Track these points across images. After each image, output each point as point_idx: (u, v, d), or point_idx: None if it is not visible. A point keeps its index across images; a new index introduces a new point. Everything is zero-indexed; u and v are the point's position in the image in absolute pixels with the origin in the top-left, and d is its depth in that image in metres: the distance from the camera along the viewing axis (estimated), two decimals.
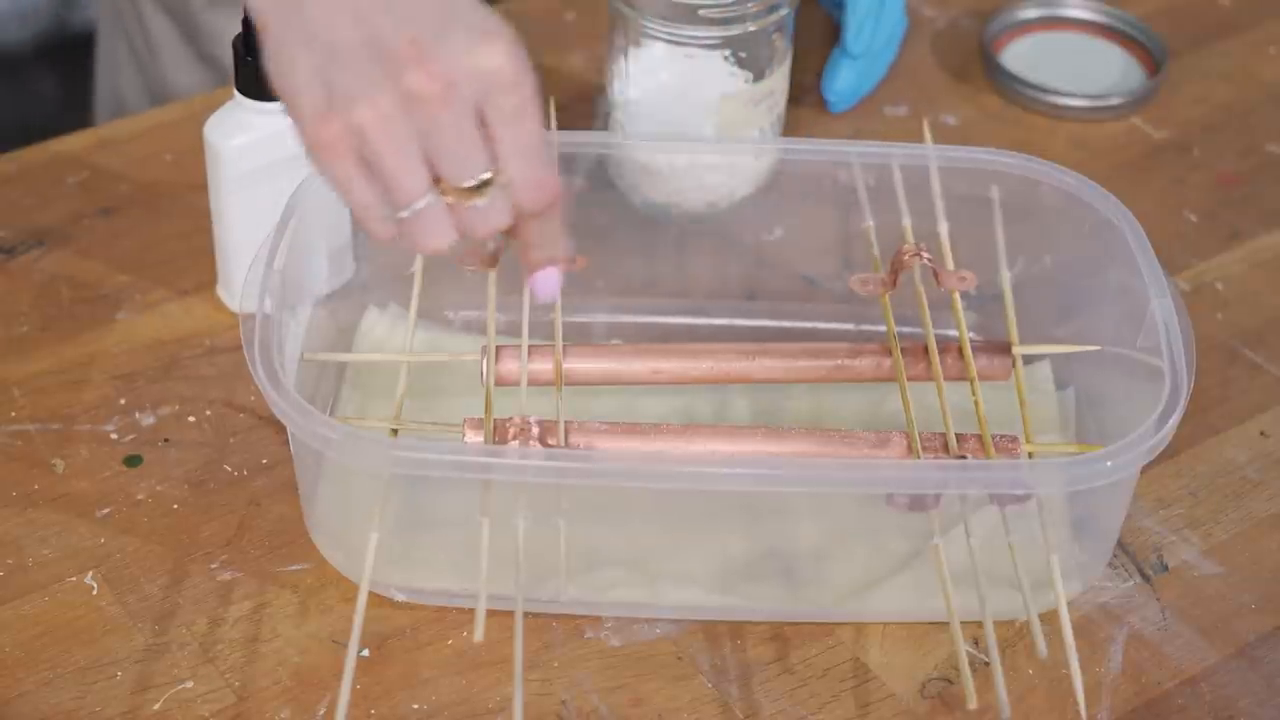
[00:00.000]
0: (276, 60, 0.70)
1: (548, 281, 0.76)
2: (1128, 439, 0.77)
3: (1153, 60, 1.16)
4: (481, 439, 0.80)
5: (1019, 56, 1.16)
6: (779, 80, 1.01)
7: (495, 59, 0.69)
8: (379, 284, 0.94)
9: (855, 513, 0.85)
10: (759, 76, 0.99)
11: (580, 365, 0.86)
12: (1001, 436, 0.82)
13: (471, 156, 0.70)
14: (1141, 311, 0.83)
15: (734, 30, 0.97)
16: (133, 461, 0.88)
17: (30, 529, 0.85)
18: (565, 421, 0.81)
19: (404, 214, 0.71)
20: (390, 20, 0.68)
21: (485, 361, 0.84)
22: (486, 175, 0.71)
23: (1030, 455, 0.82)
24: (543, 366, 0.85)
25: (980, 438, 0.82)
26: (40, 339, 0.94)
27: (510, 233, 0.74)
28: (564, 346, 0.86)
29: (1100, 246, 0.88)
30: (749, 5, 0.96)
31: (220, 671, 0.80)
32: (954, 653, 0.76)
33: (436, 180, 0.71)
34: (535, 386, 0.84)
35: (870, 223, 0.91)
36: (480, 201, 0.71)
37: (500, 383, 0.84)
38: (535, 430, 0.79)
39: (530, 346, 0.85)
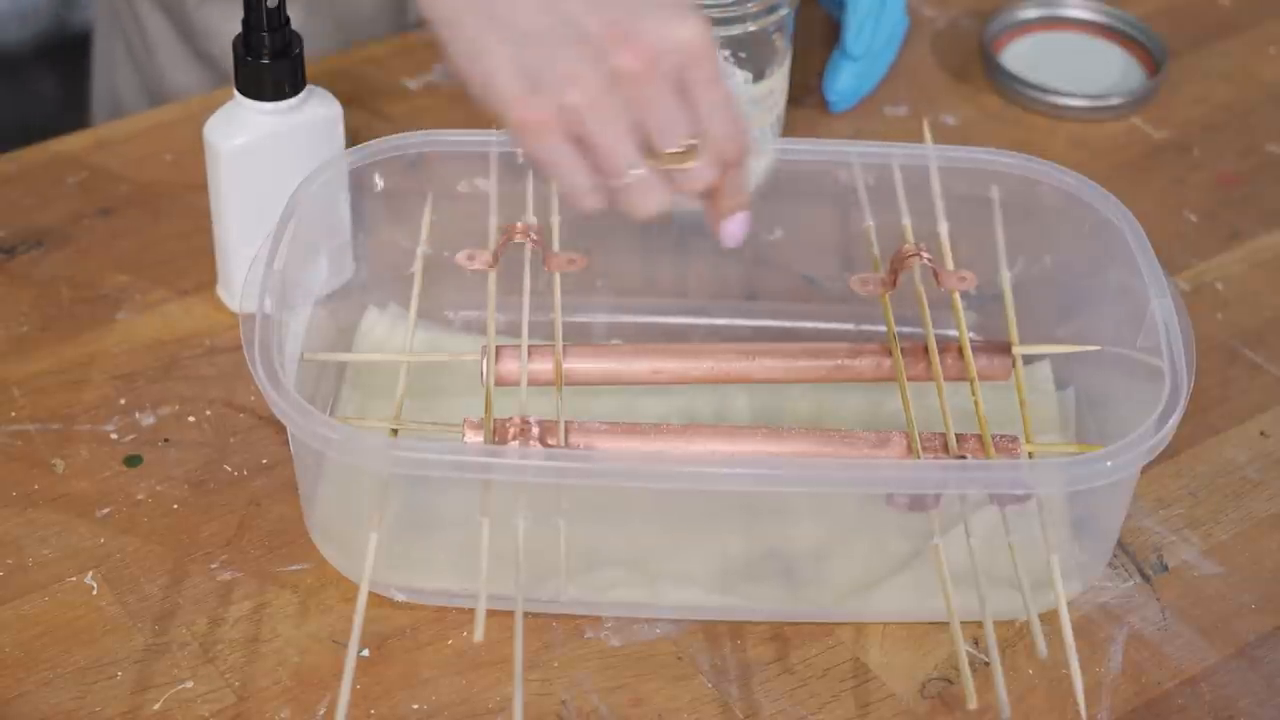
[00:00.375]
0: (467, 49, 0.75)
1: (738, 226, 0.81)
2: (1128, 439, 0.77)
3: (1153, 60, 1.16)
4: (481, 439, 0.80)
5: (1019, 56, 1.16)
6: (779, 80, 1.01)
7: (689, 33, 0.74)
8: (379, 284, 0.94)
9: (855, 513, 0.85)
10: (759, 76, 0.99)
11: (580, 365, 0.86)
12: (1001, 436, 0.82)
13: (679, 124, 0.76)
14: (1141, 311, 0.83)
15: (734, 30, 0.96)
16: (133, 461, 0.88)
17: (30, 529, 0.85)
18: (565, 421, 0.81)
19: (618, 185, 0.76)
20: (580, 5, 0.73)
21: (485, 361, 0.84)
22: (693, 140, 0.76)
23: (1030, 455, 0.82)
24: (543, 366, 0.85)
25: (980, 438, 0.82)
26: (40, 339, 0.94)
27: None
28: (564, 346, 0.86)
29: (1100, 246, 0.88)
30: (749, 5, 0.96)
31: (220, 671, 0.80)
32: (954, 653, 0.76)
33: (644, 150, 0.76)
34: (535, 386, 0.84)
35: (870, 223, 0.91)
36: (691, 163, 0.77)
37: (500, 383, 0.84)
38: (535, 430, 0.79)
39: (530, 346, 0.85)
